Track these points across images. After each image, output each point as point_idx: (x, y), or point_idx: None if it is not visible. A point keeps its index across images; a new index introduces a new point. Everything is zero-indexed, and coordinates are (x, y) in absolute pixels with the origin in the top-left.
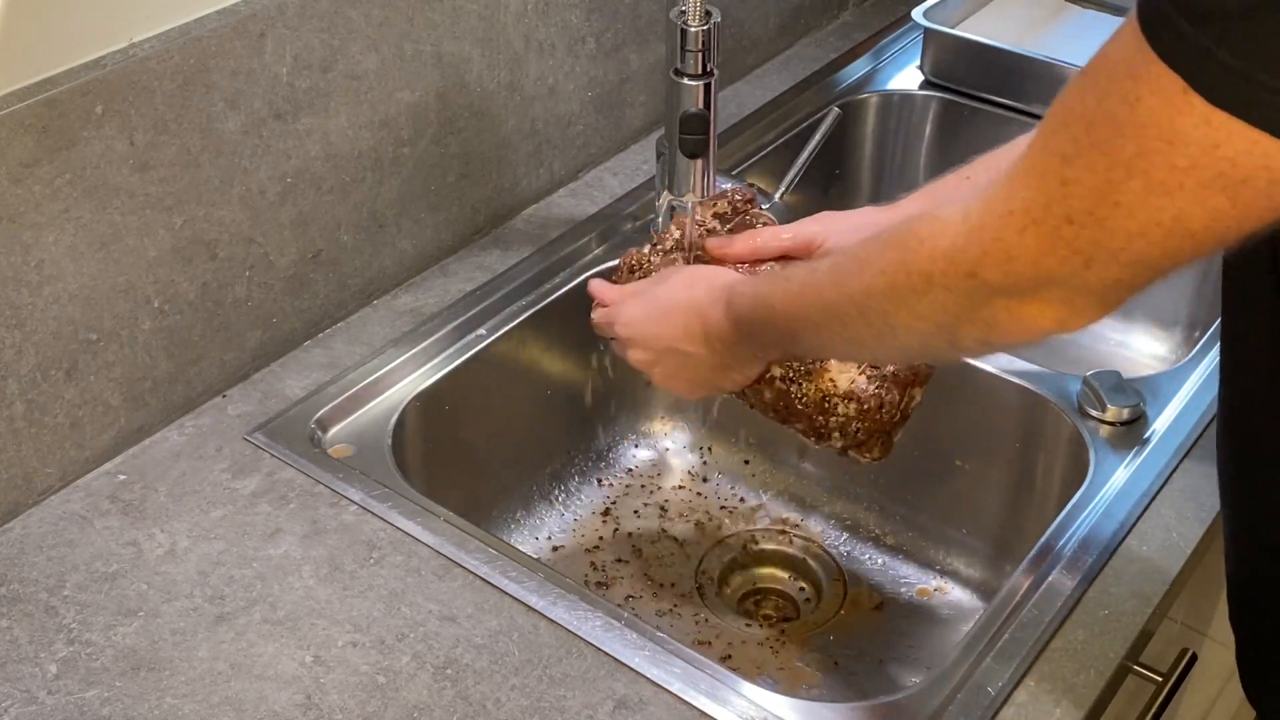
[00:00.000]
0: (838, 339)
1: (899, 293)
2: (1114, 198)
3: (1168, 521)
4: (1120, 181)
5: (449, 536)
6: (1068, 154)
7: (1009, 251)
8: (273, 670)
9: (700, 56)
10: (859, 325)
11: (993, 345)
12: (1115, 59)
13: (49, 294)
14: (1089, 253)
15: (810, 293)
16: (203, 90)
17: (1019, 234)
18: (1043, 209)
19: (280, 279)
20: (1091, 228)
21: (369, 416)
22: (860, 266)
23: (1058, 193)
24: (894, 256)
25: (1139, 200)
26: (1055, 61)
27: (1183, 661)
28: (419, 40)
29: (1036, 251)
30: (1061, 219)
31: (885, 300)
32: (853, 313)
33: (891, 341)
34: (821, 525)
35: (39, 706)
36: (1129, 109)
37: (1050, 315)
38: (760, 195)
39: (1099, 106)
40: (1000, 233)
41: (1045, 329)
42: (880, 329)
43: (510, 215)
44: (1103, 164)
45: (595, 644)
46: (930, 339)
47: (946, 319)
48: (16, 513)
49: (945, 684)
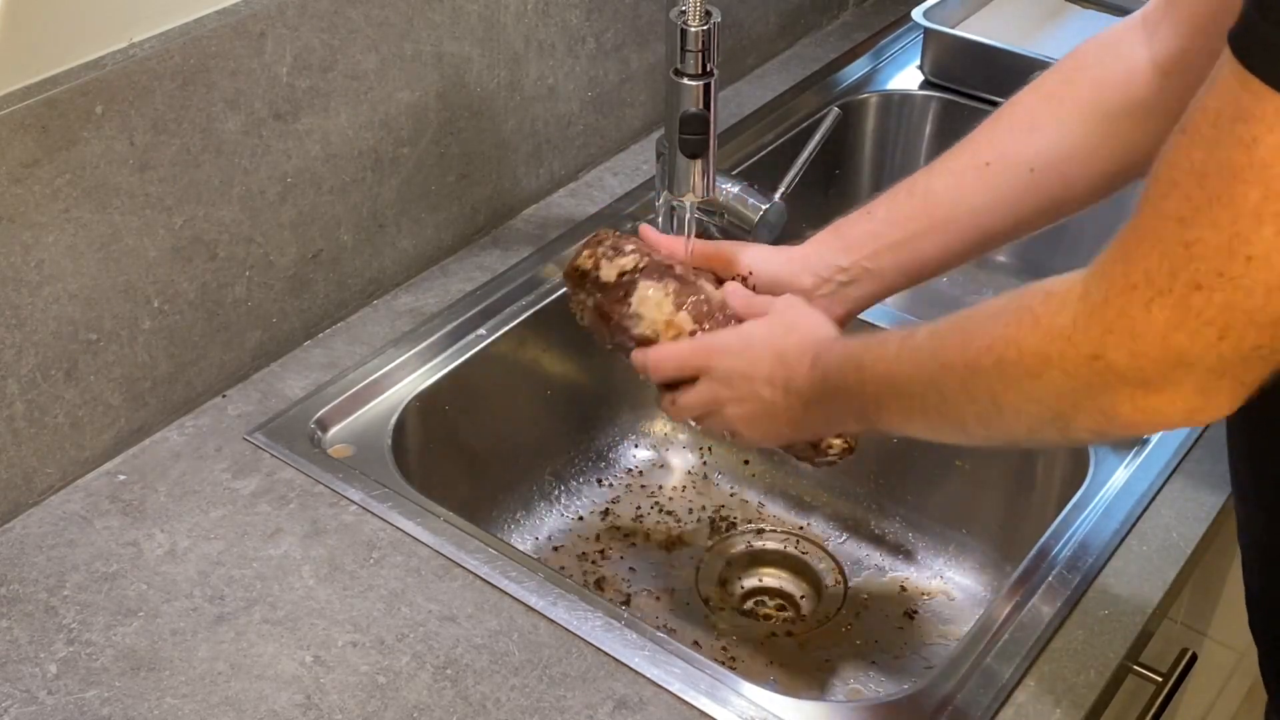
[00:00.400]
0: (933, 415)
1: (1009, 372)
2: (1245, 251)
3: (1168, 521)
4: (1250, 232)
5: (449, 536)
6: (1184, 214)
7: (1135, 328)
8: (273, 670)
9: (700, 56)
10: (960, 401)
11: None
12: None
13: (49, 294)
14: (1223, 321)
15: (906, 359)
16: (203, 90)
17: (1145, 308)
18: (1167, 277)
19: (280, 279)
20: (1223, 290)
21: (369, 416)
22: (965, 339)
23: (1181, 257)
24: (1004, 333)
25: (1274, 247)
26: (1055, 61)
27: (1183, 661)
28: (419, 40)
29: (1165, 326)
30: (1189, 286)
31: (993, 379)
32: (954, 387)
33: (996, 424)
34: (821, 525)
35: (39, 706)
36: (1246, 152)
37: (1179, 405)
38: (760, 195)
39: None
40: (1125, 308)
41: (1173, 421)
42: (985, 409)
43: (510, 215)
44: (1226, 217)
45: (595, 644)
46: (1039, 425)
47: (1062, 405)
48: (16, 513)
49: (945, 684)
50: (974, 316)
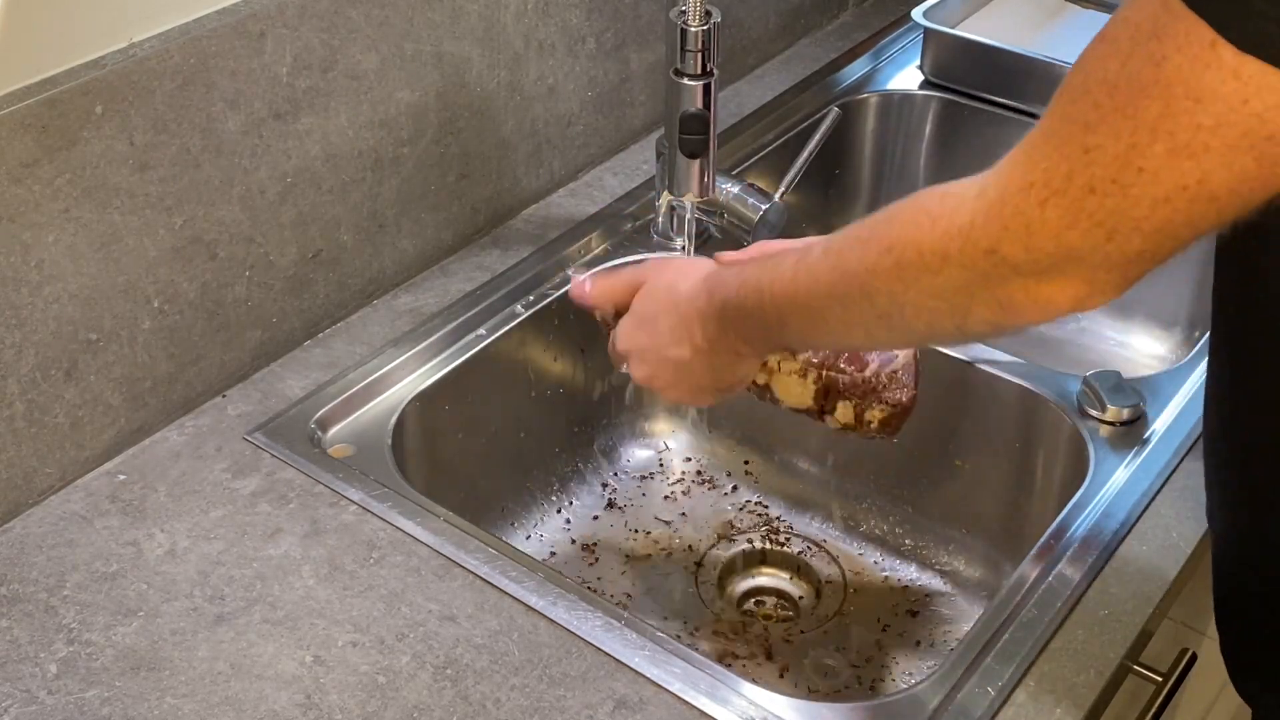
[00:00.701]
0: (835, 323)
1: (909, 271)
2: (1138, 163)
3: (1168, 521)
4: (1145, 145)
5: (449, 536)
6: (1090, 120)
7: (1030, 225)
8: (273, 670)
9: (700, 56)
10: (861, 306)
11: (1003, 328)
12: (1136, 20)
13: (49, 294)
14: (1112, 223)
15: (804, 275)
16: (203, 90)
17: (1040, 207)
18: (1064, 179)
19: (280, 279)
20: (1115, 196)
21: (369, 416)
22: (863, 245)
23: (1080, 161)
24: (903, 234)
25: (1164, 164)
26: (1055, 61)
27: (1183, 661)
28: (419, 40)
29: (1059, 225)
30: (1084, 189)
31: (893, 279)
32: (855, 293)
33: (897, 323)
34: (821, 525)
35: (39, 706)
36: (1154, 68)
37: (1069, 294)
38: (760, 195)
39: (1122, 69)
40: (1021, 206)
41: (1062, 309)
42: (885, 309)
43: (510, 215)
44: (1127, 128)
45: (595, 644)
46: (939, 320)
47: (960, 299)
48: (16, 513)
49: (945, 684)
50: (868, 224)
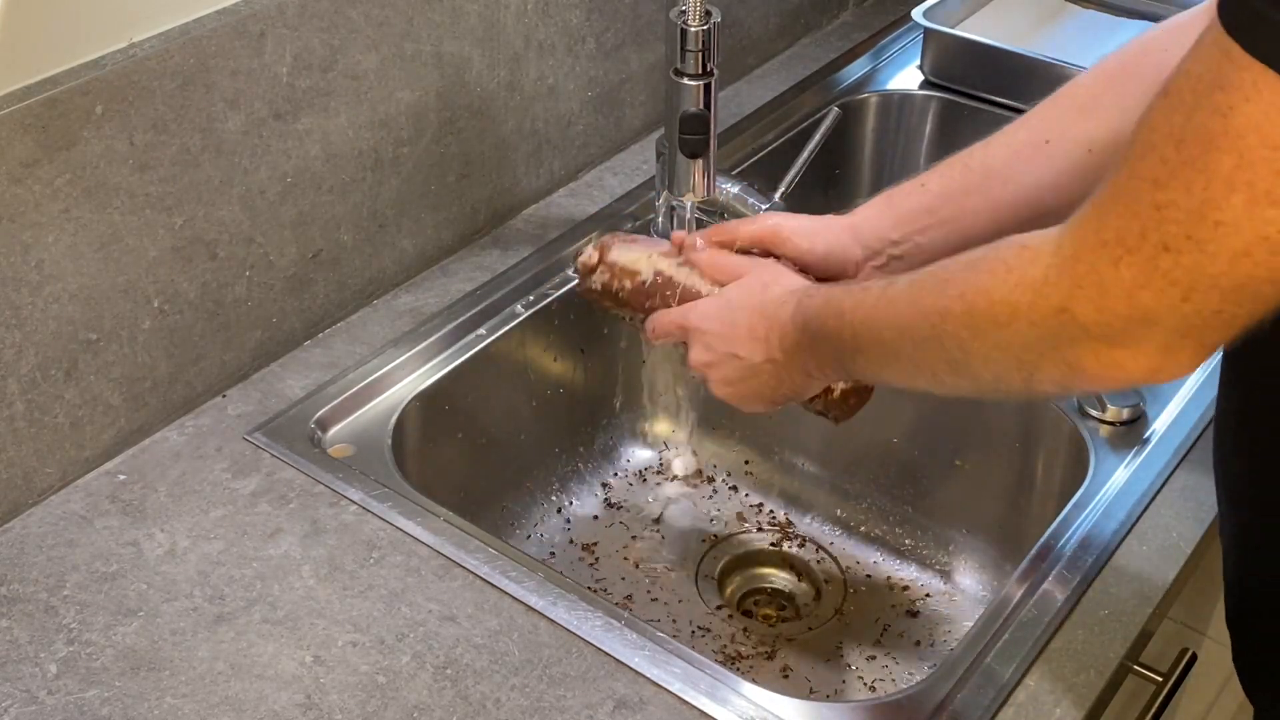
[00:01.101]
0: (905, 362)
1: (979, 320)
2: (1214, 217)
3: (1168, 521)
4: (1220, 199)
5: (449, 536)
6: (1159, 177)
7: (1103, 284)
8: (273, 670)
9: (700, 56)
10: (932, 348)
11: (1072, 390)
12: (1199, 72)
13: (49, 294)
14: (1188, 282)
15: (885, 305)
16: (203, 90)
17: (1114, 265)
18: (1137, 237)
19: (280, 279)
20: (1191, 253)
21: (369, 416)
22: (940, 286)
23: (1152, 219)
24: (976, 281)
25: (1243, 215)
26: (1055, 61)
27: (1183, 661)
28: (419, 40)
29: (1132, 284)
30: (1158, 247)
31: (962, 326)
32: (926, 334)
33: (964, 372)
34: (821, 525)
35: (39, 706)
36: (1223, 120)
37: (1141, 362)
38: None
39: (1188, 123)
40: (1095, 264)
41: (1134, 377)
42: (954, 356)
43: (510, 215)
44: (1199, 182)
45: (595, 644)
46: (1006, 375)
47: (1028, 356)
48: (16, 513)
49: (945, 684)
50: (951, 266)
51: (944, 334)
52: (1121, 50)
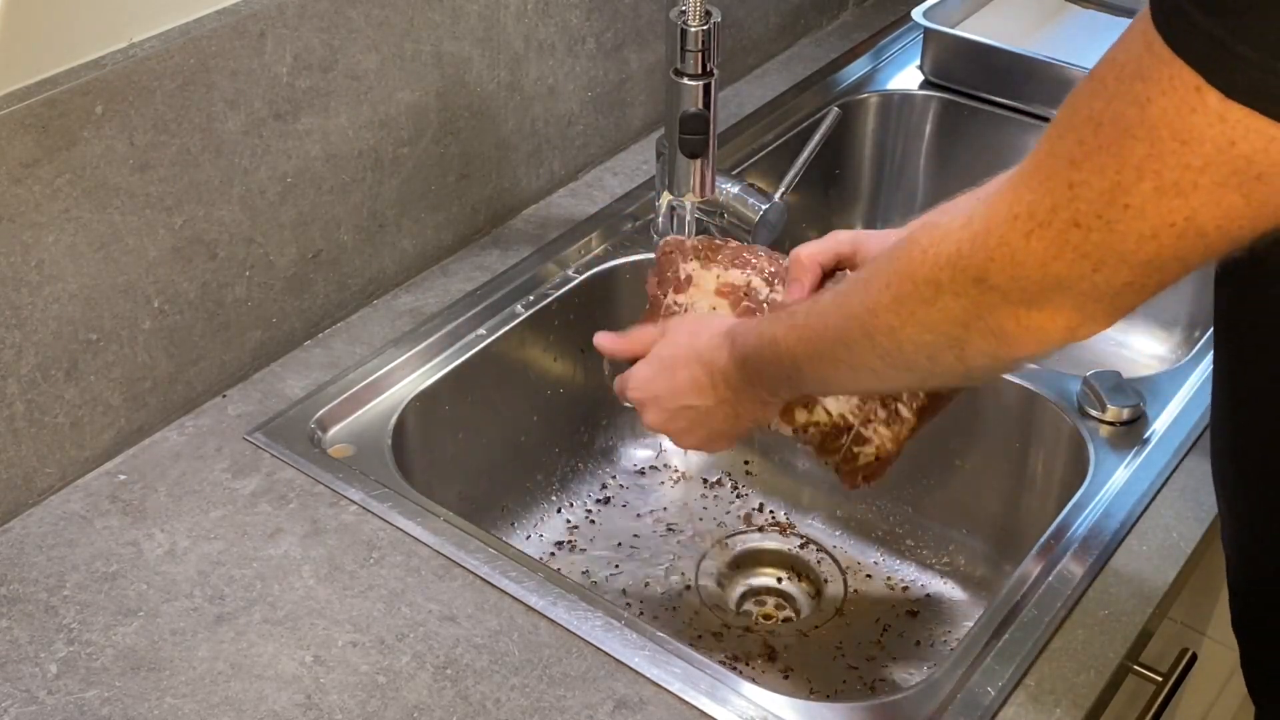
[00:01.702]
0: (843, 367)
1: (905, 304)
2: (1124, 200)
3: (1168, 521)
4: (1130, 184)
5: (449, 536)
6: (1075, 157)
7: (1015, 256)
8: (273, 670)
9: (700, 56)
10: (864, 347)
11: (1002, 359)
12: (1123, 61)
13: (49, 294)
14: (1098, 256)
15: (814, 321)
16: (203, 90)
17: (1025, 238)
18: (1049, 212)
19: (280, 279)
20: (1100, 231)
21: (369, 416)
22: (864, 285)
23: (1064, 196)
24: (897, 268)
25: (1150, 202)
26: (1055, 61)
27: (1183, 661)
28: (419, 40)
29: (1044, 255)
30: (1068, 222)
31: (891, 314)
32: (857, 334)
33: (898, 359)
34: (822, 525)
35: (39, 706)
36: (1139, 110)
37: (1060, 323)
38: (760, 195)
39: (1107, 108)
40: (1006, 236)
41: (1055, 337)
42: (886, 347)
43: (510, 215)
44: (1112, 166)
45: (595, 644)
46: (939, 354)
47: (955, 329)
48: (16, 513)
49: (945, 684)
50: (870, 266)
51: (874, 329)
52: None
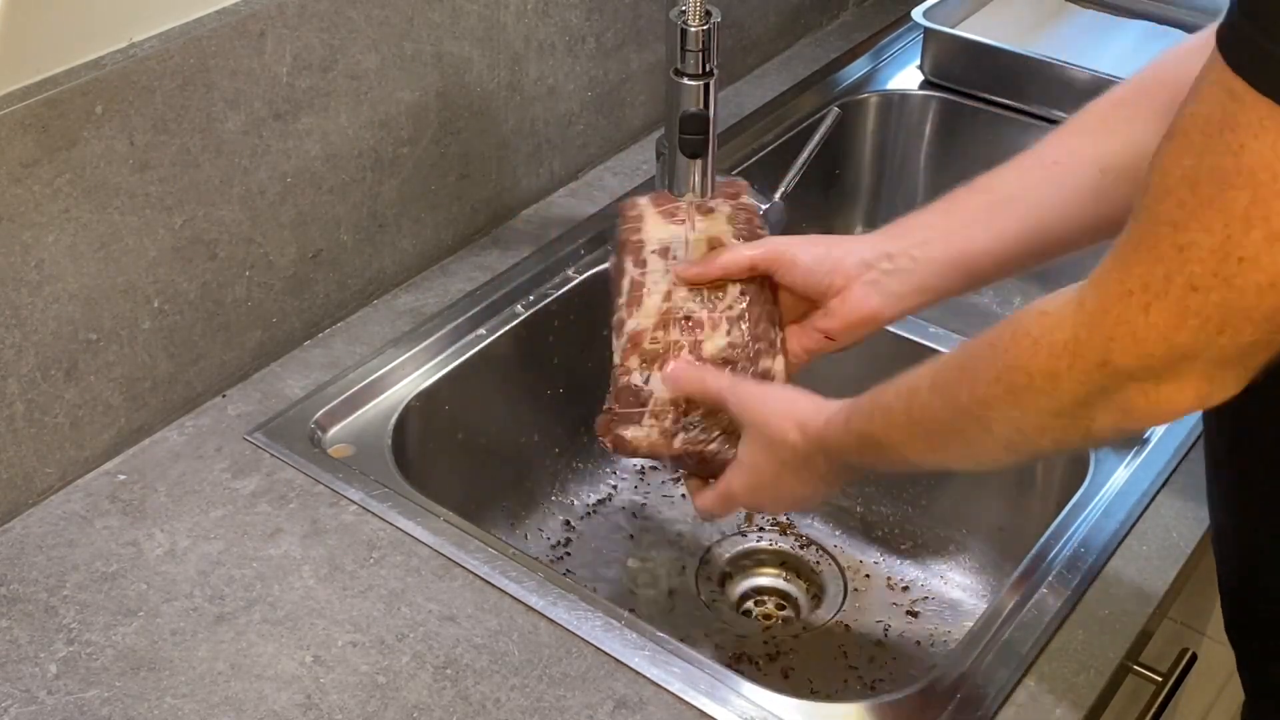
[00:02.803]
0: (958, 455)
1: (1022, 397)
2: (1237, 254)
3: (1168, 521)
4: (1240, 236)
5: (449, 536)
6: (1177, 220)
7: (1137, 333)
8: (273, 670)
9: (700, 56)
10: (982, 439)
11: (1128, 430)
12: (1205, 113)
13: (49, 294)
14: (1220, 318)
15: (919, 417)
16: (203, 90)
17: (1144, 313)
18: (1163, 281)
19: (280, 279)
20: (1218, 290)
21: (369, 416)
22: (971, 379)
23: (1176, 261)
24: (1007, 361)
25: (1263, 250)
26: (1055, 61)
27: (1183, 661)
28: (419, 40)
29: (1165, 328)
30: (1185, 288)
31: (1008, 407)
32: (972, 428)
33: (1022, 446)
34: (822, 525)
35: (39, 706)
36: (1234, 159)
37: (1189, 394)
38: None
39: (1201, 163)
40: (1123, 315)
41: (1185, 408)
42: (1008, 437)
43: (510, 215)
44: (1219, 221)
45: (595, 644)
46: (1065, 435)
47: (1080, 411)
48: (16, 513)
49: (945, 684)
50: (970, 353)
51: (990, 421)
52: (1132, 77)
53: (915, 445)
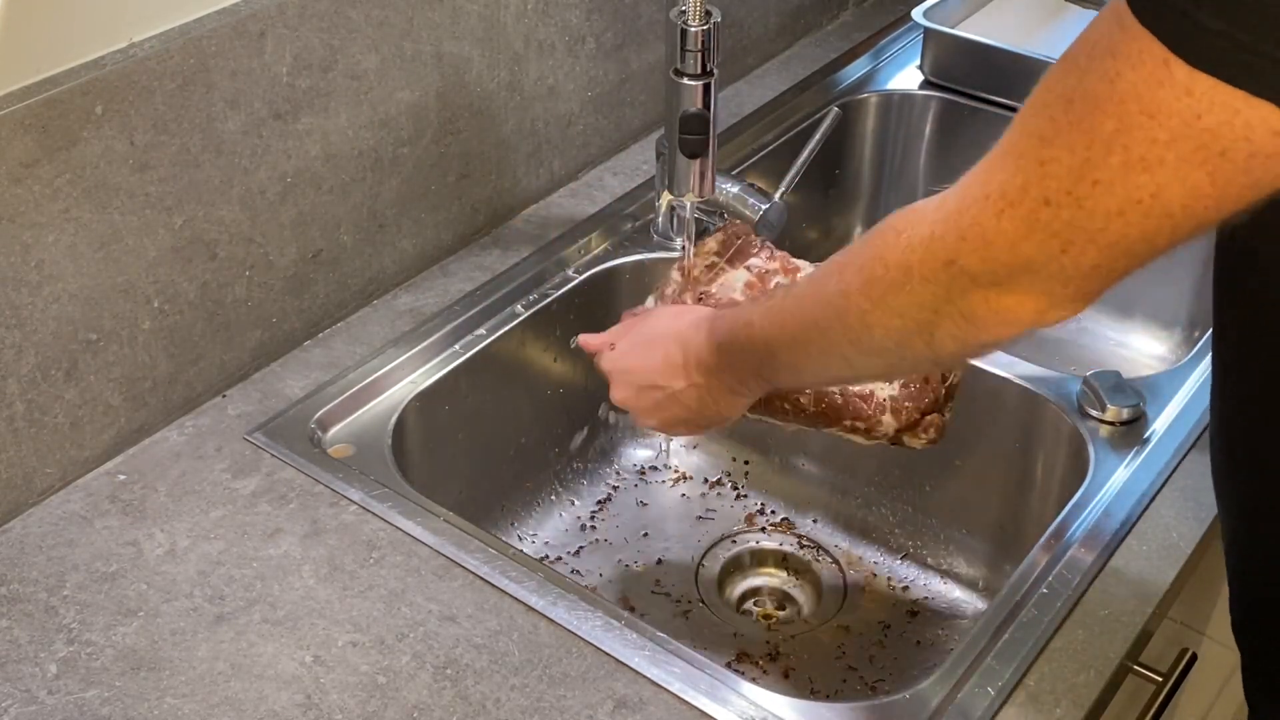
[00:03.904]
0: (814, 352)
1: (876, 288)
2: (1092, 176)
3: (1168, 521)
4: (1099, 159)
5: (449, 536)
6: (1045, 134)
7: (986, 236)
8: (273, 670)
9: (700, 56)
10: (836, 331)
11: (969, 345)
12: (1095, 38)
13: (49, 294)
14: (1066, 235)
15: (790, 304)
16: (203, 90)
17: (996, 218)
18: (1019, 191)
19: (280, 279)
20: (1069, 208)
21: (369, 416)
22: (838, 270)
23: (1035, 174)
24: (871, 252)
25: (1118, 177)
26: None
27: (1183, 661)
28: (419, 40)
29: (1014, 235)
30: (1039, 201)
31: (862, 297)
32: (830, 317)
33: (868, 345)
34: (821, 525)
35: (39, 706)
36: (1109, 85)
37: (1028, 306)
38: (760, 195)
39: (1079, 85)
40: (978, 217)
41: (1023, 321)
42: (857, 331)
43: (510, 215)
44: (1081, 142)
45: (595, 644)
46: (908, 339)
47: (924, 314)
48: (16, 513)
49: (945, 684)
50: (847, 249)
51: (846, 311)
52: None
53: (779, 333)
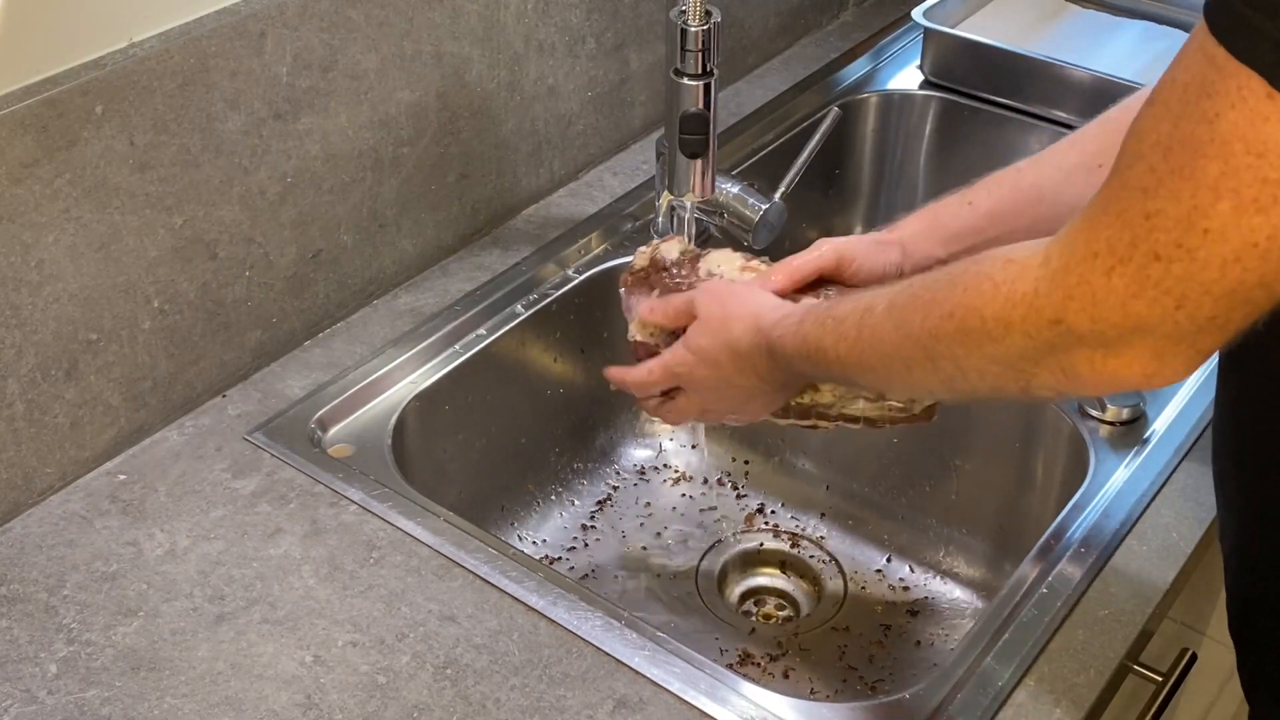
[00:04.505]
0: (899, 382)
1: (971, 338)
2: (1203, 225)
3: (1168, 521)
4: (1208, 206)
5: (449, 536)
6: (1147, 186)
7: (1095, 295)
8: (273, 670)
9: (700, 56)
10: (924, 369)
11: (1067, 394)
12: (1183, 80)
13: (49, 294)
14: (1180, 290)
15: (868, 334)
16: (203, 90)
17: (1106, 276)
18: (1128, 246)
19: (280, 279)
20: (1181, 261)
21: (369, 416)
22: (925, 309)
23: (1142, 228)
24: (964, 300)
25: (1230, 222)
26: (1055, 61)
27: (1183, 661)
28: (419, 40)
29: (1124, 294)
30: (1149, 256)
31: (956, 345)
32: (918, 356)
33: (961, 385)
34: (821, 525)
35: (39, 706)
36: (1209, 127)
37: (1135, 369)
38: (760, 196)
39: (1175, 131)
40: (1085, 275)
41: (1129, 382)
42: (949, 374)
43: (510, 215)
44: (1187, 190)
45: (595, 644)
46: (1003, 384)
47: (1024, 365)
48: (16, 513)
49: (945, 684)
50: (931, 285)
51: (937, 354)
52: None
53: (857, 362)
